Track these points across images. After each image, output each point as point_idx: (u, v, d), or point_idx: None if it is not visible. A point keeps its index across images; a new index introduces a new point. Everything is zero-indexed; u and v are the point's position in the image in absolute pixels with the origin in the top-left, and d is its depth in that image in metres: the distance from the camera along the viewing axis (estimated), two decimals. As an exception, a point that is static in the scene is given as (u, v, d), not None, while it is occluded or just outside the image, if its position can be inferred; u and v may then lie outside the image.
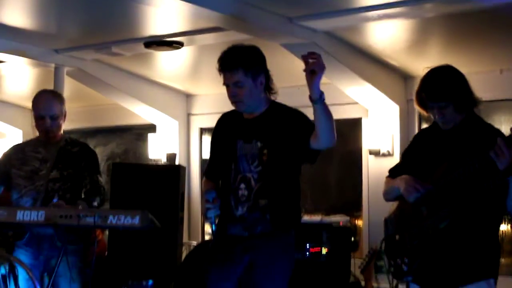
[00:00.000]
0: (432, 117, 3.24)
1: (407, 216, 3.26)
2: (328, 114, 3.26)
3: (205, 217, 3.47)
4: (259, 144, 3.41)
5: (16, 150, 4.36)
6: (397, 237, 3.30)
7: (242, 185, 3.43)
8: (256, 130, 3.41)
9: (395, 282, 3.52)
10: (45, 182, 4.13)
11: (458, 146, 3.12)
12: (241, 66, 3.38)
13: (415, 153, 3.35)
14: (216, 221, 3.44)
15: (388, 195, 3.41)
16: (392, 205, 3.45)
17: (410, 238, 3.20)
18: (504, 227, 6.02)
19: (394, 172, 3.42)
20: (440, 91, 3.11)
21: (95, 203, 4.09)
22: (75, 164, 4.21)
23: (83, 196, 4.17)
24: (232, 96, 3.43)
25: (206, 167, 3.73)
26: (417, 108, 3.28)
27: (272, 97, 3.58)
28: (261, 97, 3.48)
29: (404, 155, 3.50)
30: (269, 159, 3.39)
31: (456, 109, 3.12)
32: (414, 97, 3.26)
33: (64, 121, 4.29)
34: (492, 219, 3.14)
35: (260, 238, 3.40)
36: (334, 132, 3.28)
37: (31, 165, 4.21)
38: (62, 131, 4.32)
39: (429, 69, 3.23)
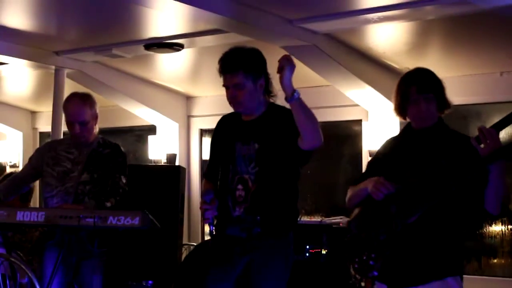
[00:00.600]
0: (408, 118, 3.27)
1: (373, 215, 3.27)
2: (306, 112, 3.24)
3: (203, 218, 3.47)
4: (256, 145, 3.41)
5: (50, 148, 4.34)
6: (363, 235, 3.30)
7: (240, 186, 3.44)
8: (254, 132, 3.42)
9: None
10: (75, 184, 4.13)
11: (429, 146, 3.16)
12: (241, 69, 3.38)
13: (383, 160, 3.36)
14: (215, 222, 3.44)
15: (353, 199, 3.41)
16: (354, 210, 3.47)
17: (377, 235, 3.20)
18: (503, 228, 6.04)
19: (359, 181, 3.45)
20: (430, 83, 3.19)
21: (108, 204, 4.08)
22: (105, 166, 4.20)
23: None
24: (231, 98, 3.43)
25: (206, 169, 3.74)
26: (394, 110, 3.31)
27: (271, 100, 3.58)
28: (260, 99, 3.49)
29: (370, 164, 3.52)
30: (265, 160, 3.39)
31: (438, 106, 3.19)
32: (394, 96, 3.30)
33: (96, 123, 4.25)
34: (460, 216, 3.16)
35: (258, 240, 3.40)
36: (316, 132, 3.28)
37: (63, 165, 4.20)
38: (96, 131, 4.29)
39: (409, 69, 3.30)
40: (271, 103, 3.55)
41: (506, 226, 6.01)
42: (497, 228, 6.04)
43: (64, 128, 4.54)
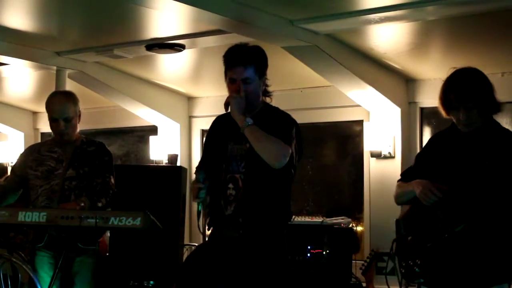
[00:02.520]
0: (453, 119, 3.22)
1: (421, 218, 3.23)
2: (256, 140, 3.33)
3: (195, 198, 3.46)
4: (247, 145, 3.41)
5: (32, 150, 4.35)
6: (409, 238, 3.28)
7: (230, 185, 3.44)
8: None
9: (403, 283, 3.49)
10: (61, 181, 4.13)
11: (477, 150, 3.09)
12: (254, 63, 3.40)
13: (431, 156, 3.31)
14: (207, 200, 3.45)
15: (401, 198, 3.37)
16: (404, 207, 3.43)
17: (423, 240, 3.18)
18: None
19: (406, 176, 3.40)
20: (469, 91, 3.10)
21: (100, 204, 4.09)
22: (91, 162, 4.21)
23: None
24: (237, 92, 3.41)
25: (198, 165, 3.72)
26: (440, 108, 3.25)
27: (267, 100, 3.59)
28: (260, 98, 3.50)
29: (418, 158, 3.45)
30: (255, 160, 3.39)
31: (480, 112, 3.12)
32: (438, 97, 3.23)
33: (79, 121, 4.27)
34: (508, 224, 3.12)
35: (252, 240, 3.41)
36: (271, 154, 3.31)
37: (47, 164, 4.21)
38: (78, 131, 4.31)
39: (455, 69, 3.21)
40: (265, 104, 3.56)
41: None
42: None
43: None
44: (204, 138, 3.72)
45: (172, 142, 7.69)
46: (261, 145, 3.32)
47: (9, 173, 7.57)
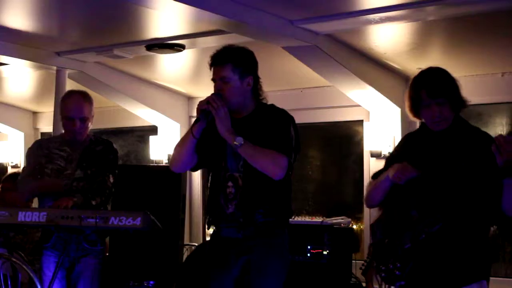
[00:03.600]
0: (423, 119, 3.25)
1: (396, 221, 3.25)
2: (251, 158, 3.35)
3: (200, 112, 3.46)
4: None
5: (40, 146, 4.34)
6: (386, 241, 3.29)
7: (230, 183, 3.46)
8: (243, 130, 3.41)
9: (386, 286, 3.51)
10: (70, 182, 4.14)
11: (449, 149, 3.12)
12: (230, 62, 3.44)
13: (403, 157, 3.32)
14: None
15: (373, 195, 3.38)
16: (377, 212, 3.45)
17: (401, 243, 3.19)
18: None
19: (378, 176, 3.42)
20: (440, 87, 3.14)
21: (94, 202, 4.08)
22: (98, 162, 4.21)
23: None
24: (217, 90, 3.47)
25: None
26: (407, 110, 3.28)
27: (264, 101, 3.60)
28: (246, 98, 3.50)
29: (389, 159, 3.48)
30: None
31: (452, 107, 3.15)
32: (406, 98, 3.26)
33: (91, 122, 4.28)
34: (483, 221, 3.14)
35: (253, 239, 3.41)
36: (268, 170, 3.33)
37: (57, 163, 4.20)
38: (88, 131, 4.31)
39: (421, 69, 3.26)
40: (260, 103, 3.56)
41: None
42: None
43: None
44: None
45: (172, 142, 7.68)
46: (258, 163, 3.35)
47: (9, 172, 7.60)
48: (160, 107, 7.55)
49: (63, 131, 4.36)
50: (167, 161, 7.53)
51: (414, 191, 3.16)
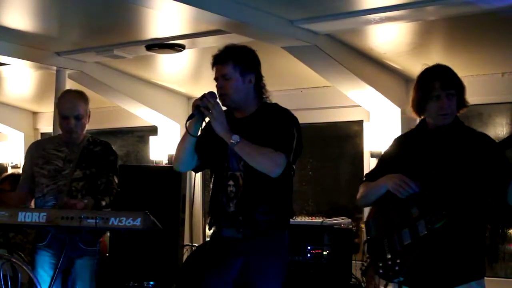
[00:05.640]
0: (425, 115, 3.24)
1: (394, 217, 3.24)
2: (248, 156, 3.35)
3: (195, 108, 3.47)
4: None
5: (37, 147, 4.35)
6: (384, 238, 3.28)
7: (231, 182, 3.47)
8: (245, 129, 3.42)
9: (383, 283, 3.49)
10: (68, 182, 4.14)
11: (447, 146, 3.14)
12: (231, 59, 3.46)
13: (396, 157, 3.33)
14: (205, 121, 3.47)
15: (368, 197, 3.38)
16: (370, 209, 3.44)
17: (400, 239, 3.18)
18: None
19: (371, 176, 3.41)
20: (453, 79, 3.19)
21: (104, 203, 4.10)
22: (97, 163, 4.22)
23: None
24: (219, 88, 3.49)
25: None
26: (410, 107, 3.29)
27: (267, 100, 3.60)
28: (249, 96, 3.51)
29: (382, 159, 3.48)
30: None
31: (457, 103, 3.17)
32: (414, 92, 3.27)
33: (88, 121, 4.29)
34: (482, 220, 3.15)
35: (253, 240, 3.41)
36: (265, 168, 3.34)
37: (54, 164, 4.21)
38: (85, 131, 4.32)
39: (428, 65, 3.32)
40: (263, 102, 3.56)
41: None
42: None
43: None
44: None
45: (172, 142, 7.68)
46: (254, 161, 3.35)
47: (9, 172, 7.61)
48: (160, 107, 7.55)
49: (61, 132, 4.37)
50: (167, 161, 7.53)
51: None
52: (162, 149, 7.63)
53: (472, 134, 3.20)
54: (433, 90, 3.17)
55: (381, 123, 6.27)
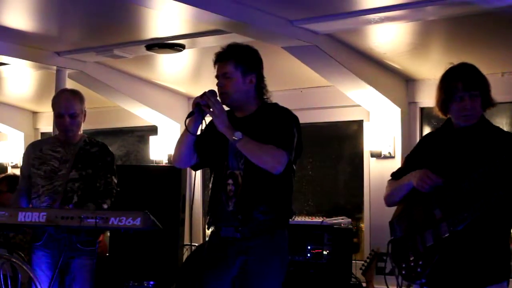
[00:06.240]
0: (450, 115, 3.21)
1: (417, 218, 3.21)
2: (249, 152, 3.36)
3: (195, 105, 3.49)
4: None
5: (34, 148, 4.36)
6: (408, 239, 3.26)
7: (230, 181, 3.47)
8: (246, 128, 3.42)
9: (405, 284, 3.46)
10: (64, 182, 4.14)
11: (473, 146, 3.10)
12: (232, 58, 3.47)
13: (422, 155, 3.30)
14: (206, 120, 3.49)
15: (394, 196, 3.36)
16: (396, 209, 3.42)
17: (423, 240, 3.16)
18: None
19: (398, 175, 3.40)
20: (477, 80, 3.15)
21: (105, 206, 4.10)
22: (94, 164, 4.22)
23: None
24: (219, 87, 3.51)
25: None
26: (436, 106, 3.25)
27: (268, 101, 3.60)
28: (249, 95, 3.51)
29: (408, 158, 3.46)
30: None
31: (482, 104, 3.14)
32: (438, 92, 3.23)
33: (83, 120, 4.29)
34: (505, 222, 3.12)
35: (252, 239, 3.41)
36: (266, 165, 3.34)
37: (50, 164, 4.21)
38: (81, 131, 4.32)
39: (453, 64, 3.28)
40: (264, 102, 3.57)
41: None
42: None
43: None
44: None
45: (172, 142, 7.66)
46: (256, 157, 3.35)
47: (9, 172, 7.61)
48: (160, 107, 7.55)
49: (58, 132, 4.38)
50: (167, 161, 7.53)
51: (437, 190, 3.14)
52: (162, 149, 7.63)
53: (499, 134, 3.16)
54: (456, 91, 3.13)
55: (381, 123, 6.27)
